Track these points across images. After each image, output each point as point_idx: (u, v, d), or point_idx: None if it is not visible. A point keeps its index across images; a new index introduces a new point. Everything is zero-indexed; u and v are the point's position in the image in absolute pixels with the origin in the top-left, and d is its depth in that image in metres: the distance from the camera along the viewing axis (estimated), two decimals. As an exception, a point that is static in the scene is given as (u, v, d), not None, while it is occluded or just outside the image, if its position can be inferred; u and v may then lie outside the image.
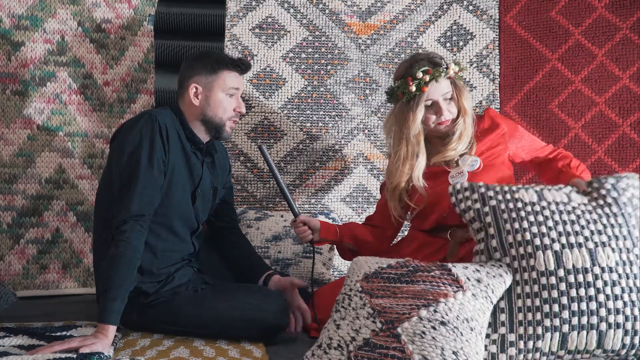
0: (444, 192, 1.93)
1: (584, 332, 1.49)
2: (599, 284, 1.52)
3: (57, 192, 2.49)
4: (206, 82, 1.96)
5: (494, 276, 1.54)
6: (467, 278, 1.51)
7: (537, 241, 1.57)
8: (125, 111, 2.59)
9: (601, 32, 2.52)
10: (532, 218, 1.60)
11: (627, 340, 1.47)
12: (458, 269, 1.53)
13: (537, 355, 1.50)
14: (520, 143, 2.08)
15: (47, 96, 2.48)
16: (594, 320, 1.49)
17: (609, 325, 1.48)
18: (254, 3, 2.71)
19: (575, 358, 1.50)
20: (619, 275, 1.53)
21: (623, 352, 1.47)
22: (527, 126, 2.64)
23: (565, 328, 1.50)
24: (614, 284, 1.52)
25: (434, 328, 1.41)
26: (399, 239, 2.27)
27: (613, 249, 1.56)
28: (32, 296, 2.41)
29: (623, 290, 1.51)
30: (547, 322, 1.51)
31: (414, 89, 1.94)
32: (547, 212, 1.60)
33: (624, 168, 2.45)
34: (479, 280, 1.51)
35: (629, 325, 1.47)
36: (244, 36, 2.70)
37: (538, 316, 1.52)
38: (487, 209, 1.63)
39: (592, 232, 1.58)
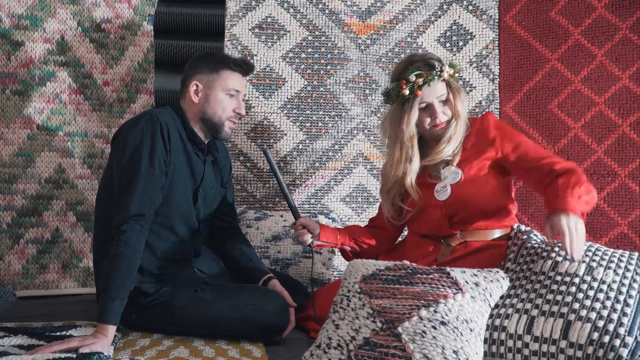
0: (431, 204, 1.96)
1: (552, 318, 1.47)
2: (584, 286, 1.53)
3: (57, 192, 2.49)
4: (207, 81, 1.97)
5: (491, 281, 1.57)
6: (466, 281, 1.53)
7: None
8: (125, 111, 2.59)
9: (601, 32, 2.52)
10: None
11: (595, 336, 1.41)
12: (456, 272, 1.55)
13: (503, 335, 1.50)
14: (515, 154, 1.91)
15: (47, 96, 2.48)
16: (564, 310, 1.48)
17: (579, 318, 1.45)
18: (253, 3, 2.71)
19: (542, 349, 1.46)
20: (610, 288, 1.52)
21: (590, 349, 1.40)
22: (527, 126, 2.64)
23: (534, 312, 1.50)
24: (599, 291, 1.51)
25: (434, 328, 1.41)
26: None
27: (615, 270, 1.56)
28: (32, 296, 2.42)
29: (607, 298, 1.49)
30: (519, 305, 1.54)
31: (407, 92, 1.92)
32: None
33: (623, 168, 2.45)
34: (477, 284, 1.53)
35: (600, 323, 1.43)
36: (243, 36, 2.70)
37: (508, 300, 1.57)
38: None
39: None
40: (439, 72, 1.92)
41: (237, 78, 2.00)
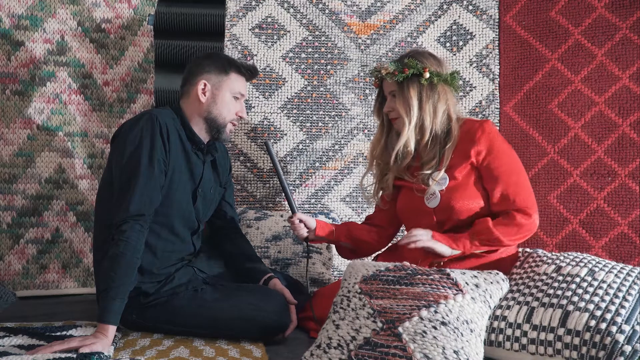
0: (422, 210, 1.96)
1: (551, 309, 1.53)
2: (584, 284, 1.57)
3: (57, 192, 2.49)
4: (216, 81, 1.98)
5: (491, 282, 1.58)
6: (466, 282, 1.54)
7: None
8: (125, 111, 2.59)
9: (601, 32, 2.52)
10: None
11: (592, 323, 1.45)
12: (456, 273, 1.56)
13: (503, 324, 1.56)
14: (490, 176, 1.91)
15: (47, 96, 2.48)
16: (564, 302, 1.53)
17: (577, 308, 1.50)
18: (253, 3, 2.71)
19: (540, 337, 1.51)
20: (610, 287, 1.55)
21: (587, 335, 1.44)
22: (527, 126, 2.64)
23: (535, 304, 1.56)
24: (599, 288, 1.55)
25: (434, 328, 1.41)
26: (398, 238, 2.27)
27: (616, 274, 1.59)
28: (32, 296, 2.42)
29: (606, 293, 1.53)
30: (520, 298, 1.60)
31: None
32: None
33: (623, 168, 2.45)
34: (477, 285, 1.54)
35: (597, 313, 1.47)
36: (243, 36, 2.70)
37: (510, 294, 1.63)
38: None
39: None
40: (378, 70, 2.00)
41: (243, 82, 2.04)
